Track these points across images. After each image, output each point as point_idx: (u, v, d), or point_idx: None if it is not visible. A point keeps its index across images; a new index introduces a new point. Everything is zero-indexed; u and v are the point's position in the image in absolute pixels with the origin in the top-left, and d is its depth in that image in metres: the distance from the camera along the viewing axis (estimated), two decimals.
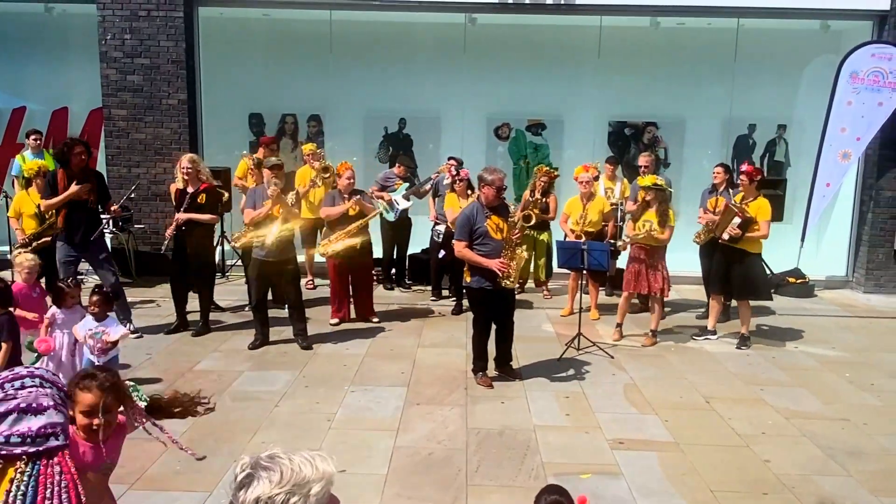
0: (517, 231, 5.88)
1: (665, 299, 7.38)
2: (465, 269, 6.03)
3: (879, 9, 9.38)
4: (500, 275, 5.73)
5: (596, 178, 8.38)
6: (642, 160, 8.23)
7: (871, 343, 7.58)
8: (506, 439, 4.98)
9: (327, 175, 8.33)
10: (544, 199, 8.37)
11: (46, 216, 7.19)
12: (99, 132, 10.12)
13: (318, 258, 9.47)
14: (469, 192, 8.13)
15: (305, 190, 8.76)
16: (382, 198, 8.84)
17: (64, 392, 1.92)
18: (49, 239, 7.20)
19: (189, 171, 6.98)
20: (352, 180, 7.57)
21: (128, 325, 7.08)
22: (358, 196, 7.57)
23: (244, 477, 1.50)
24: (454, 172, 8.31)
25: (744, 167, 7.24)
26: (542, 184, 8.40)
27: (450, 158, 8.95)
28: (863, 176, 9.89)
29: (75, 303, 5.58)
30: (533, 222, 6.18)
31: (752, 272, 7.16)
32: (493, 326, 6.11)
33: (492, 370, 6.16)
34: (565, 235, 8.08)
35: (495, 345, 6.17)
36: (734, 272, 7.08)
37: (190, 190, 7.03)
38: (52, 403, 1.81)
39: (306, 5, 9.75)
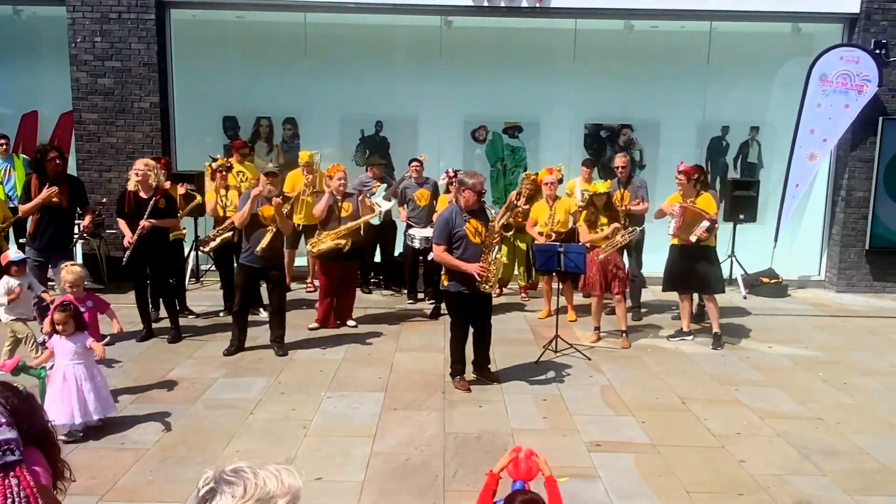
0: (496, 236, 5.88)
1: (638, 295, 7.43)
2: (442, 272, 6.00)
3: (849, 12, 9.52)
4: (479, 279, 5.71)
5: (560, 181, 8.39)
6: (618, 160, 8.26)
7: (843, 342, 7.67)
8: (484, 443, 4.96)
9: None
10: (529, 206, 8.37)
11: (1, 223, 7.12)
12: (69, 136, 9.96)
13: (299, 262, 9.43)
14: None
15: (294, 196, 8.67)
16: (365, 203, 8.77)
17: (8, 408, 1.87)
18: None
19: (140, 172, 6.85)
20: (343, 181, 7.52)
21: None
22: (366, 194, 7.57)
23: (206, 492, 1.46)
24: (451, 174, 8.21)
25: (681, 166, 7.24)
26: (528, 190, 8.41)
27: (412, 161, 8.90)
28: (834, 176, 10.04)
29: (68, 330, 4.93)
30: (512, 231, 6.15)
31: (714, 266, 7.31)
32: (471, 330, 6.10)
33: (470, 374, 6.14)
34: (533, 240, 8.11)
35: (473, 348, 6.15)
36: (699, 270, 7.16)
37: (144, 195, 6.92)
38: (3, 421, 1.78)
39: (280, 8, 9.67)
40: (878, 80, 9.31)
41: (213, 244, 7.51)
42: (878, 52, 9.35)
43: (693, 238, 6.99)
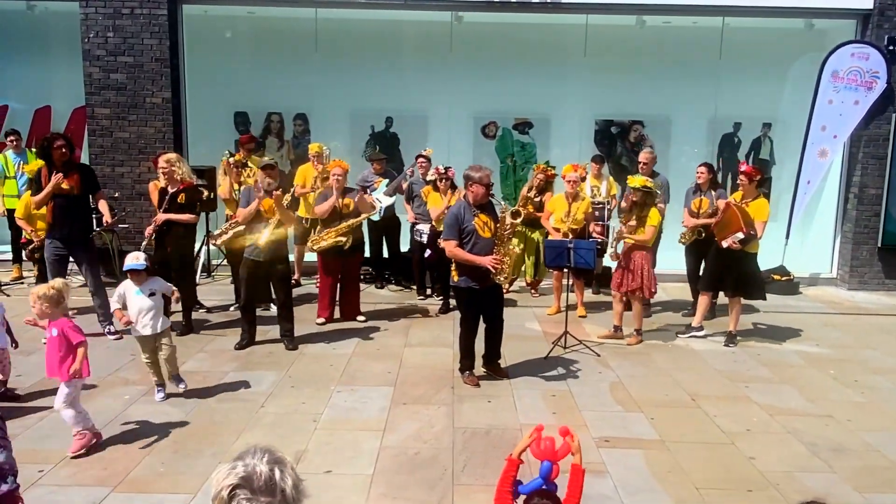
0: (509, 228, 5.85)
1: (650, 300, 7.44)
2: (452, 268, 6.00)
3: (863, 7, 9.45)
4: (494, 271, 5.70)
5: (583, 179, 8.39)
6: (643, 156, 8.18)
7: (854, 340, 7.64)
8: (492, 438, 4.97)
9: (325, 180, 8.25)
10: (540, 198, 8.36)
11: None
12: (82, 131, 10.03)
13: (308, 257, 9.46)
14: (451, 191, 8.11)
15: (304, 191, 8.71)
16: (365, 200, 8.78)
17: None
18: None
19: (165, 170, 6.92)
20: (341, 177, 7.55)
21: (108, 326, 7.03)
22: (360, 192, 7.61)
23: (276, 471, 1.47)
24: (441, 170, 8.24)
25: (742, 167, 7.25)
26: (540, 182, 8.39)
27: (418, 157, 8.90)
28: (847, 173, 9.98)
29: None
30: (521, 218, 6.10)
31: (751, 270, 7.17)
32: (483, 325, 6.09)
33: (479, 369, 6.14)
34: (547, 232, 8.09)
35: (484, 343, 6.15)
36: (732, 271, 7.08)
37: (170, 189, 6.98)
38: None
39: (292, 3, 9.70)
40: (887, 76, 9.26)
41: (224, 237, 7.54)
42: (891, 48, 9.29)
43: (725, 244, 6.94)
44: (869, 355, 7.10)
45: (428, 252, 8.34)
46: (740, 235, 6.85)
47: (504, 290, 6.30)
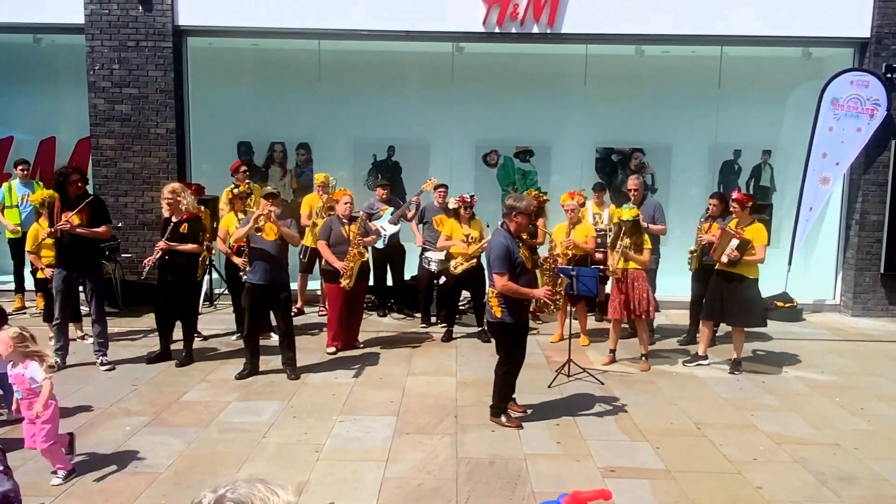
0: (558, 257, 5.77)
1: (652, 321, 7.42)
2: (493, 303, 5.57)
3: (860, 36, 9.54)
4: (551, 304, 5.60)
5: (582, 205, 8.40)
6: (631, 183, 8.25)
7: (860, 367, 7.59)
8: (496, 469, 4.92)
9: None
10: (534, 224, 8.38)
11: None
12: (87, 161, 10.08)
13: (310, 285, 9.47)
14: (472, 219, 8.17)
15: (308, 223, 8.75)
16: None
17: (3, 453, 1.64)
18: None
19: (170, 201, 6.97)
20: (349, 205, 7.60)
21: (100, 356, 7.00)
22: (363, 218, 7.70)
23: None
24: (466, 199, 8.22)
25: (734, 195, 7.27)
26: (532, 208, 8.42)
27: (439, 186, 8.94)
28: (848, 200, 10.00)
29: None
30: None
31: (752, 297, 7.11)
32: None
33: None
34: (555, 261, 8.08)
35: None
36: (733, 298, 7.06)
37: (174, 219, 7.02)
38: (0, 469, 1.58)
39: (295, 35, 9.81)
40: (887, 103, 9.33)
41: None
42: (888, 76, 9.37)
43: (724, 259, 6.93)
44: (874, 382, 7.06)
45: (442, 279, 8.34)
46: (735, 242, 6.85)
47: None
